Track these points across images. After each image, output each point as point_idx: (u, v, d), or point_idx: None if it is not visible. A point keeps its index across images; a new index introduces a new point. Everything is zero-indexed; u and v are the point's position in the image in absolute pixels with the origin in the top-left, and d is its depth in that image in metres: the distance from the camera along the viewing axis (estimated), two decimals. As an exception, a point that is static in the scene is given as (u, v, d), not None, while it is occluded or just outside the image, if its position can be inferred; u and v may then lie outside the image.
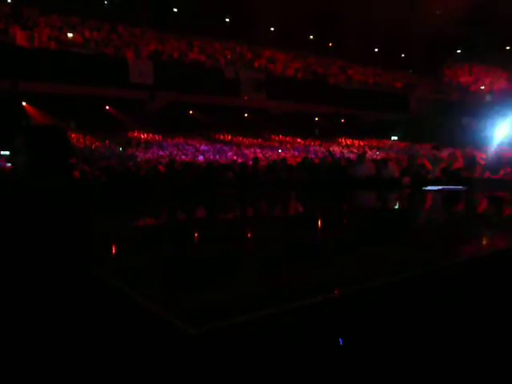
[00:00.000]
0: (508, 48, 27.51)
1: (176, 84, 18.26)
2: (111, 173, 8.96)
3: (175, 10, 23.16)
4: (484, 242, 2.71)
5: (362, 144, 23.00)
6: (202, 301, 1.45)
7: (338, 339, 1.39)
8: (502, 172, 7.72)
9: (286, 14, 22.22)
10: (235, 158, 16.21)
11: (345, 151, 20.14)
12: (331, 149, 19.58)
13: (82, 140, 16.63)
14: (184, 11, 22.49)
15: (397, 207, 5.61)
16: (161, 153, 16.56)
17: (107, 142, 17.04)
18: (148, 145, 17.68)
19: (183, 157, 16.08)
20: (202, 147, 18.64)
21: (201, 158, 16.23)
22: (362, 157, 10.55)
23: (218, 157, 16.67)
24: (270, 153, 18.47)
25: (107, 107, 18.49)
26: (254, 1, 21.24)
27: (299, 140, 22.58)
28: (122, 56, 18.01)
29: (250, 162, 12.56)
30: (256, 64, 21.96)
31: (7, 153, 12.47)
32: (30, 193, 1.61)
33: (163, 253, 2.33)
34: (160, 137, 19.02)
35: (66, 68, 16.03)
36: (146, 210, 5.31)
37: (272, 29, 24.66)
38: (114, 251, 2.58)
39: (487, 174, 7.78)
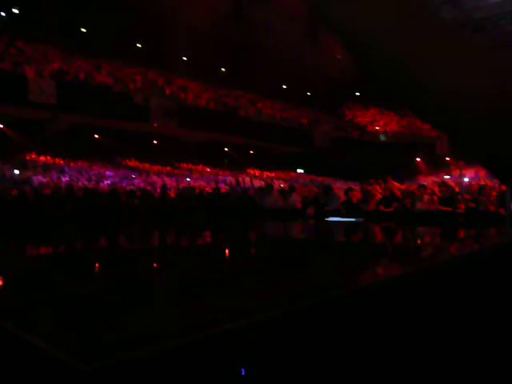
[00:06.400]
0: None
1: (81, 106, 17.47)
2: (3, 197, 8.21)
3: (83, 29, 22.38)
4: (377, 270, 2.89)
5: (269, 175, 23.75)
6: (96, 335, 1.35)
7: (240, 369, 1.37)
8: (394, 205, 8.44)
9: (198, 45, 22.62)
10: (142, 185, 15.75)
11: (253, 181, 20.56)
12: (240, 179, 19.90)
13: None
14: (93, 32, 21.83)
15: (300, 236, 5.82)
16: (61, 177, 15.54)
17: (0, 163, 15.63)
18: (47, 168, 16.53)
19: (86, 182, 15.25)
20: (107, 173, 17.88)
21: (105, 183, 15.53)
22: (269, 187, 10.88)
23: (123, 183, 16.07)
24: (178, 181, 18.25)
25: (1, 126, 17.06)
26: (166, 28, 21.35)
27: (208, 169, 22.69)
28: (20, 72, 16.85)
29: (158, 190, 12.33)
30: (167, 91, 21.86)
31: None
32: None
33: (49, 286, 2.15)
34: (61, 160, 17.90)
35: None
36: (36, 238, 4.91)
37: (184, 58, 24.87)
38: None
39: (381, 207, 8.48)
